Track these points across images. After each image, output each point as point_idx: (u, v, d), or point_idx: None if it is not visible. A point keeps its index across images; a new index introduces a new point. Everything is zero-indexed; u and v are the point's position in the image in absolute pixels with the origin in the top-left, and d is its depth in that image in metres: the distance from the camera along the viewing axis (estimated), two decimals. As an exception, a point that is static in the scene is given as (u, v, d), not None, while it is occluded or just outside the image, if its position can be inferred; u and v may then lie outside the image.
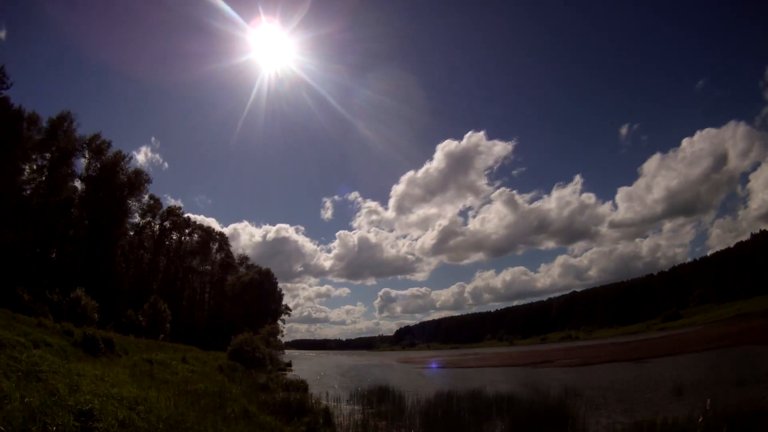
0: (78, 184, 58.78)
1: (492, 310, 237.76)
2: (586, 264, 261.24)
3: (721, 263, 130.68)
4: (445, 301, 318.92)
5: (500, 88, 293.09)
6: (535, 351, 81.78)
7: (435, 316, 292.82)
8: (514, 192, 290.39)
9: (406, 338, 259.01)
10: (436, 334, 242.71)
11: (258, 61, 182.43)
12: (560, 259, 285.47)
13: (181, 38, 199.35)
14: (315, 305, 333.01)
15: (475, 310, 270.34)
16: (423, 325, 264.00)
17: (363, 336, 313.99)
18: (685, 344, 48.06)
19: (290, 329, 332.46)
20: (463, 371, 46.13)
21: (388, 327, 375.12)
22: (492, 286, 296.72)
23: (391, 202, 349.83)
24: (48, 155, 54.06)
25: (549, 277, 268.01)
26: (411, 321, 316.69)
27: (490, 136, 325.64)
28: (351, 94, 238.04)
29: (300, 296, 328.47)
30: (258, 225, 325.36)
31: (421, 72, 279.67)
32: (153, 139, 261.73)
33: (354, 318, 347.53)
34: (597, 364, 39.88)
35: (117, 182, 60.00)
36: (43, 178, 53.63)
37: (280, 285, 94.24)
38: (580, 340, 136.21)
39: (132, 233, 70.25)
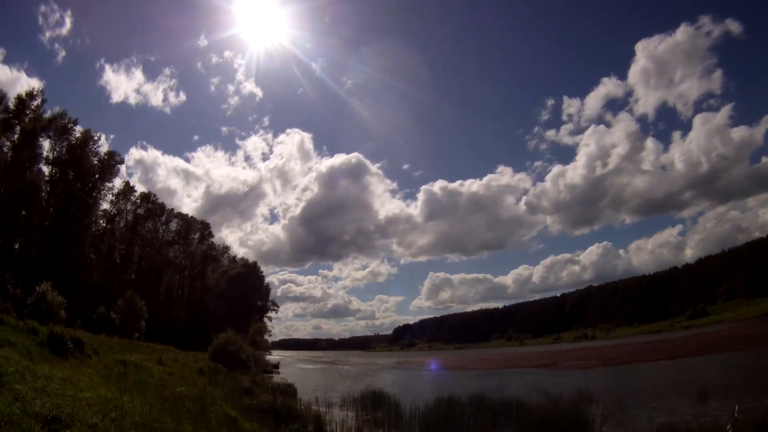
0: (44, 167, 58.01)
1: (501, 306, 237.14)
2: (693, 238, 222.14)
3: (754, 255, 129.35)
4: (508, 286, 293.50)
5: (510, 65, 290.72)
6: (548, 351, 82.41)
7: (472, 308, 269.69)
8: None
9: (405, 338, 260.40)
10: (437, 334, 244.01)
11: (245, 35, 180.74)
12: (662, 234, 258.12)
13: (160, 11, 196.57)
14: (357, 287, 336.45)
15: (537, 297, 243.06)
16: (423, 324, 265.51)
17: (363, 335, 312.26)
18: (711, 344, 48.40)
19: (290, 327, 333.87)
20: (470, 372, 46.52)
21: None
22: (570, 267, 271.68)
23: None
24: (15, 136, 53.47)
25: (637, 255, 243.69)
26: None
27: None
28: (346, 71, 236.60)
29: (349, 277, 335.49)
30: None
31: (423, 46, 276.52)
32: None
33: (387, 310, 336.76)
34: (615, 365, 40.20)
35: (86, 165, 59.50)
36: (7, 160, 53.11)
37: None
38: (597, 340, 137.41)
39: (103, 222, 69.96)
